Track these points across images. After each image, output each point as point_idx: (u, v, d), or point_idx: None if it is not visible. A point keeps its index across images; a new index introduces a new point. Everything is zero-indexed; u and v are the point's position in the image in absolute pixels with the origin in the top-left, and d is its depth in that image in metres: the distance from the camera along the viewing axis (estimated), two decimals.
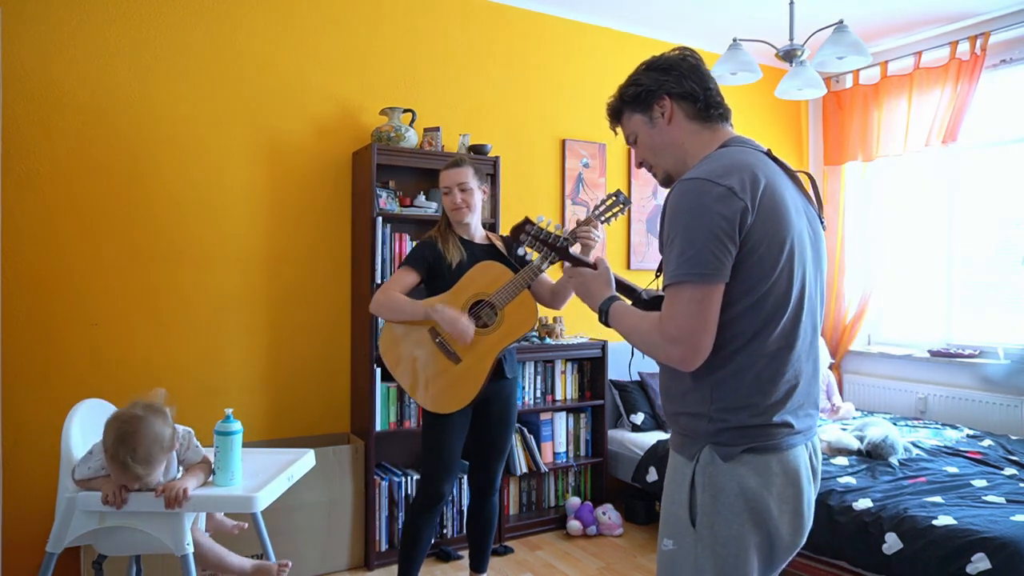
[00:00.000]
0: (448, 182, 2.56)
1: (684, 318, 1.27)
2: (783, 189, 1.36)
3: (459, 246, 2.58)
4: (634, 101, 1.48)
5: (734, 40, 3.34)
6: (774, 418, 1.33)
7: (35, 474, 2.78)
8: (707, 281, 1.26)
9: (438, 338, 2.47)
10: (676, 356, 1.29)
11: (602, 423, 3.85)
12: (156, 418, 1.86)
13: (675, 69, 1.44)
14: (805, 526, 1.40)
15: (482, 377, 2.44)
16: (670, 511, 1.40)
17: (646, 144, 1.50)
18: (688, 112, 1.44)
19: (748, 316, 1.31)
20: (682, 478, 1.38)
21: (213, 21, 3.15)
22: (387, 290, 2.50)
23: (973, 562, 2.22)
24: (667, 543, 1.40)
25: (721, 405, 1.33)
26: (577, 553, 3.39)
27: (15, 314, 2.78)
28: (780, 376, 1.34)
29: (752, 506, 1.32)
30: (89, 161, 2.92)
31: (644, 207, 4.39)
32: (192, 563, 1.88)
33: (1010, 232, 4.04)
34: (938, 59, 4.18)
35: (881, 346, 4.61)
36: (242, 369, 3.22)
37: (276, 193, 3.29)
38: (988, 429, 3.87)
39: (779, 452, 1.34)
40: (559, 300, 2.54)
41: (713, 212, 1.26)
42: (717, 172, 1.29)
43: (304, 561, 3.04)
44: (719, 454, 1.33)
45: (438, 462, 2.52)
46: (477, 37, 3.82)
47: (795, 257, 1.33)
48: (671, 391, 1.44)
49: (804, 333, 1.37)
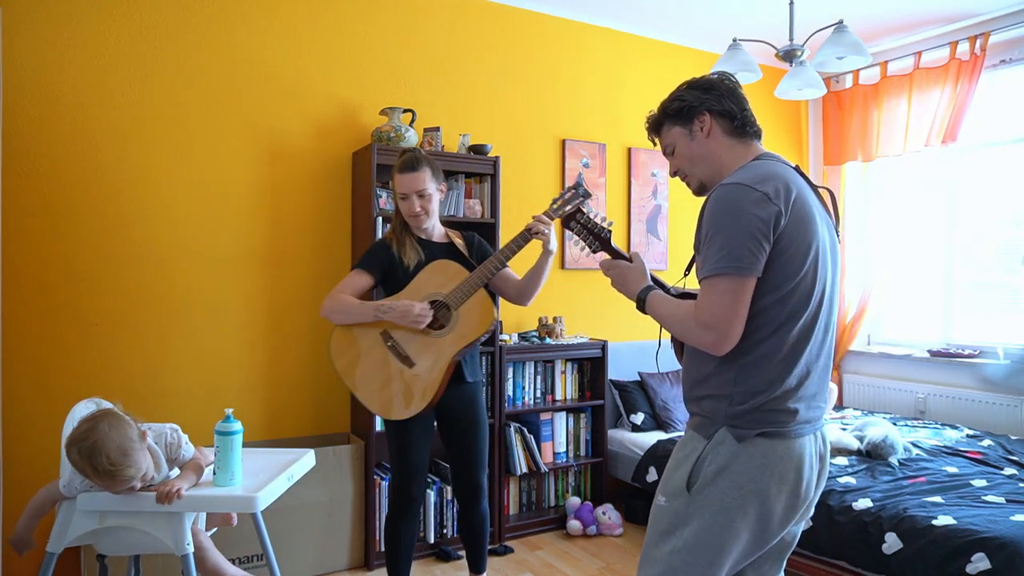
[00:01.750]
0: (405, 188, 2.40)
1: (719, 307, 1.41)
2: (810, 200, 1.51)
3: (416, 247, 2.47)
4: (676, 115, 1.62)
5: (734, 40, 3.34)
6: (788, 403, 1.47)
7: (35, 474, 2.78)
8: (742, 274, 1.40)
9: (390, 341, 2.38)
10: (709, 341, 1.43)
11: (602, 423, 3.85)
12: (102, 421, 1.82)
13: (716, 89, 1.60)
14: (800, 506, 1.52)
15: (437, 381, 2.34)
16: (671, 475, 1.55)
17: (684, 155, 1.64)
18: (725, 128, 1.59)
19: (774, 309, 1.45)
20: (692, 451, 1.53)
21: (213, 21, 3.15)
22: (336, 292, 2.41)
23: (973, 562, 2.22)
24: (660, 499, 1.56)
25: (743, 388, 1.47)
26: (577, 553, 3.40)
27: (15, 314, 2.78)
28: (795, 366, 1.48)
29: (753, 486, 1.45)
30: (89, 161, 2.92)
31: (644, 207, 4.39)
32: (192, 563, 1.88)
33: (1010, 232, 4.04)
34: (938, 59, 4.18)
35: (881, 346, 4.61)
36: (242, 369, 3.22)
37: (276, 193, 3.29)
38: (988, 429, 3.87)
39: (787, 439, 1.47)
40: (525, 297, 2.45)
41: (751, 214, 1.40)
42: (754, 179, 1.44)
43: (304, 561, 3.04)
44: (733, 435, 1.47)
45: (403, 469, 2.45)
46: (477, 37, 3.82)
47: (819, 261, 1.49)
48: (696, 375, 1.57)
49: (819, 330, 1.52)
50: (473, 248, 2.57)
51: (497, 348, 3.45)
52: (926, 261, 4.39)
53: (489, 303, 2.37)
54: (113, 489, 1.83)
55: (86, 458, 1.77)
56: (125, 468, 1.78)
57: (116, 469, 1.77)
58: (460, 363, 2.47)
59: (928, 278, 4.39)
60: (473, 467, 2.54)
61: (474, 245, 2.58)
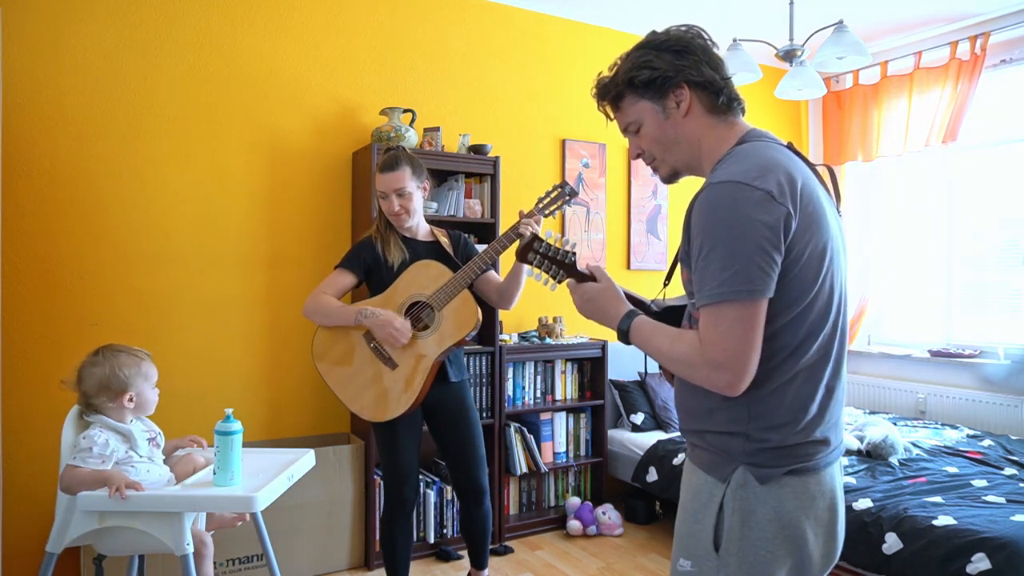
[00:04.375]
0: (383, 187, 2.38)
1: (731, 341, 1.14)
2: (816, 187, 1.25)
3: (400, 245, 2.45)
4: (646, 87, 1.29)
5: (734, 40, 3.35)
6: (815, 434, 1.24)
7: (35, 474, 2.78)
8: (754, 298, 1.14)
9: (372, 342, 2.37)
10: (722, 382, 1.17)
11: (602, 423, 3.84)
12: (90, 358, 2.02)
13: (691, 52, 1.28)
14: (838, 548, 1.30)
15: (419, 383, 2.32)
16: (691, 531, 1.29)
17: (654, 136, 1.33)
18: (708, 105, 1.29)
19: (790, 330, 1.20)
20: (708, 498, 1.27)
21: (213, 21, 3.15)
22: (318, 293, 2.39)
23: (973, 562, 2.22)
24: (684, 564, 1.29)
25: (761, 424, 1.22)
26: (577, 553, 3.39)
27: (15, 314, 2.78)
28: (817, 390, 1.24)
29: (788, 533, 1.22)
30: (89, 161, 2.92)
31: (644, 207, 4.39)
32: (191, 563, 1.88)
33: (1010, 232, 4.04)
34: (938, 59, 4.18)
35: (881, 346, 4.61)
36: (242, 369, 3.22)
37: (276, 193, 3.29)
38: (988, 429, 3.87)
39: (818, 472, 1.24)
40: (507, 300, 2.43)
41: (755, 221, 1.13)
42: (751, 173, 1.16)
43: (304, 561, 3.04)
44: (755, 476, 1.22)
45: (394, 472, 2.44)
46: (477, 37, 3.82)
47: (835, 264, 1.24)
48: (695, 406, 1.31)
49: (839, 343, 1.27)
50: (459, 247, 2.55)
51: (497, 348, 3.45)
52: (926, 261, 4.39)
53: (473, 304, 2.35)
54: (139, 387, 1.98)
55: (101, 368, 1.96)
56: (141, 364, 1.99)
57: (133, 360, 1.99)
58: (444, 363, 2.45)
59: (928, 278, 4.39)
60: (471, 465, 2.52)
61: (460, 244, 2.56)
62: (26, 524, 2.76)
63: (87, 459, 1.88)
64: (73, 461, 1.89)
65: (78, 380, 1.99)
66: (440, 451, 2.58)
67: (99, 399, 1.97)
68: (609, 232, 4.26)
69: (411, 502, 2.48)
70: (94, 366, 1.98)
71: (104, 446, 1.91)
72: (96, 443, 1.91)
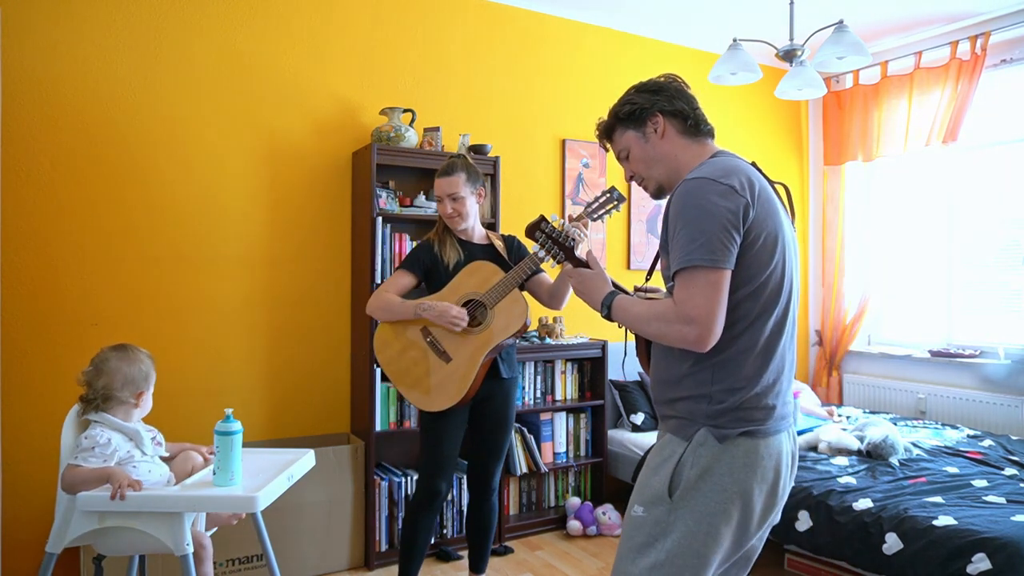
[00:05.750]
0: (439, 192, 2.55)
1: (701, 299, 1.35)
2: (772, 196, 1.50)
3: (456, 247, 2.59)
4: (628, 119, 1.60)
5: (734, 40, 3.34)
6: (767, 400, 1.45)
7: (35, 474, 2.78)
8: (718, 266, 1.35)
9: (429, 337, 2.49)
10: (692, 336, 1.36)
11: (602, 423, 3.84)
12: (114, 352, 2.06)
13: (665, 91, 1.59)
14: (776, 506, 1.50)
15: (471, 375, 2.43)
16: (648, 481, 1.48)
17: (639, 157, 1.61)
18: (679, 128, 1.57)
19: (749, 302, 1.42)
20: (670, 454, 1.46)
21: (214, 21, 3.15)
22: (381, 292, 2.54)
23: (973, 562, 2.22)
24: (637, 509, 1.47)
25: (722, 385, 1.43)
26: (577, 553, 3.39)
27: (15, 314, 2.78)
28: (771, 360, 1.46)
29: (738, 488, 1.41)
30: (89, 161, 2.92)
31: (644, 207, 4.39)
32: (191, 563, 1.88)
33: (1010, 232, 4.04)
34: (938, 59, 4.18)
35: (881, 346, 4.61)
36: (242, 369, 3.22)
37: (276, 193, 3.29)
38: (988, 429, 3.87)
39: (767, 437, 1.45)
40: (557, 300, 2.53)
41: (719, 206, 1.37)
42: (717, 173, 1.41)
43: (304, 561, 3.04)
44: (715, 435, 1.42)
45: (432, 460, 2.54)
46: (477, 37, 3.82)
47: (786, 254, 1.47)
48: (668, 376, 1.51)
49: (789, 325, 1.50)
50: (512, 250, 2.66)
51: None
52: (926, 261, 4.39)
53: (523, 302, 2.45)
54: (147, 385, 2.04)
55: (121, 364, 2.01)
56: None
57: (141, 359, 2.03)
58: (496, 360, 2.55)
59: (928, 278, 4.38)
60: (493, 460, 2.64)
61: (513, 247, 2.67)
62: (26, 524, 2.76)
63: (88, 459, 1.88)
64: (74, 461, 1.89)
65: (100, 373, 1.99)
66: (470, 442, 2.66)
67: (123, 393, 1.99)
68: (609, 232, 4.26)
69: (442, 496, 2.57)
70: (122, 360, 2.00)
71: (106, 445, 1.92)
72: (98, 443, 1.91)
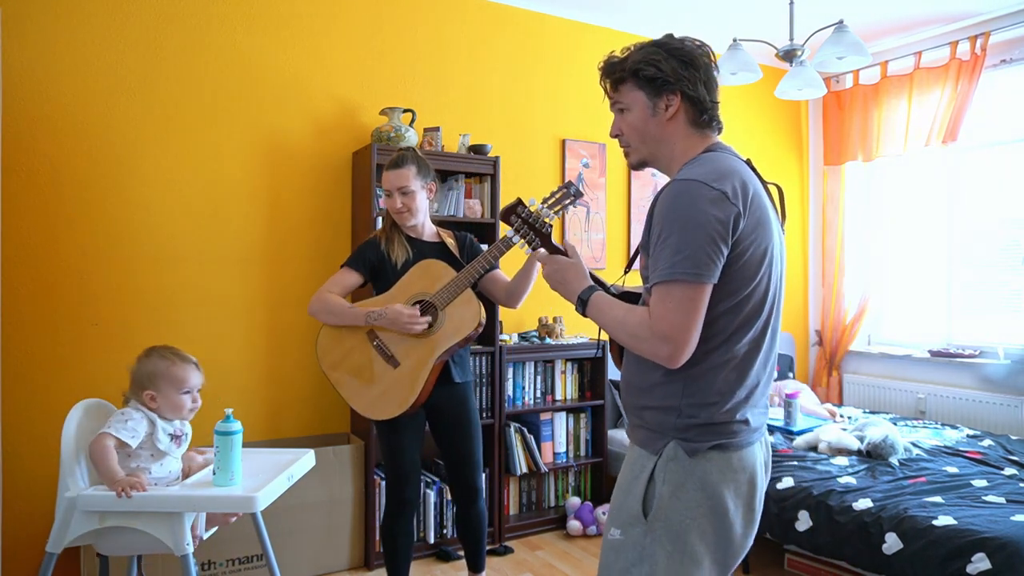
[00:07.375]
0: (388, 185, 2.41)
1: (676, 316, 1.29)
2: (765, 200, 1.41)
3: (405, 245, 2.46)
4: (647, 82, 1.43)
5: (734, 40, 3.34)
6: (738, 415, 1.38)
7: (35, 474, 2.78)
8: (700, 281, 1.29)
9: (376, 341, 2.37)
10: (664, 353, 1.31)
11: (602, 423, 3.84)
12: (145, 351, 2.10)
13: (695, 67, 1.42)
14: (755, 520, 1.44)
15: (421, 381, 2.32)
16: (622, 502, 1.42)
17: (636, 126, 1.48)
18: (691, 117, 1.45)
19: (727, 317, 1.35)
20: (640, 470, 1.40)
21: (214, 21, 3.15)
22: (324, 292, 2.41)
23: (973, 562, 2.23)
24: (614, 532, 1.41)
25: (692, 400, 1.37)
26: (577, 553, 3.39)
27: (16, 314, 2.78)
28: (746, 376, 1.39)
29: (712, 503, 1.35)
30: (89, 161, 2.92)
31: (644, 207, 4.38)
32: (192, 563, 1.88)
33: (1010, 232, 4.04)
34: (938, 59, 4.18)
35: (881, 346, 4.61)
36: (242, 369, 3.22)
37: (276, 193, 3.29)
38: (988, 429, 3.87)
39: (739, 450, 1.39)
40: (515, 298, 2.42)
41: (709, 214, 1.28)
42: (711, 175, 1.32)
43: (304, 561, 3.04)
44: (684, 449, 1.36)
45: (393, 472, 2.45)
46: (477, 37, 3.82)
47: (773, 266, 1.40)
48: (639, 383, 1.45)
49: (769, 338, 1.43)
50: (464, 248, 2.55)
51: (497, 348, 3.45)
52: (926, 261, 4.39)
53: (476, 304, 2.34)
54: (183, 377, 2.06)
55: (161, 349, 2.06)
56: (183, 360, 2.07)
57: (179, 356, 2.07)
58: (448, 364, 2.45)
59: (928, 278, 4.39)
60: (466, 467, 2.53)
61: (465, 245, 2.57)
62: (26, 524, 2.76)
63: (120, 430, 1.94)
64: (108, 429, 1.94)
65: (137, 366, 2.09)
66: (439, 451, 2.58)
67: (135, 390, 2.05)
68: (609, 232, 4.26)
69: (412, 503, 2.49)
70: (139, 360, 2.07)
71: (139, 421, 1.98)
72: (133, 417, 1.98)
